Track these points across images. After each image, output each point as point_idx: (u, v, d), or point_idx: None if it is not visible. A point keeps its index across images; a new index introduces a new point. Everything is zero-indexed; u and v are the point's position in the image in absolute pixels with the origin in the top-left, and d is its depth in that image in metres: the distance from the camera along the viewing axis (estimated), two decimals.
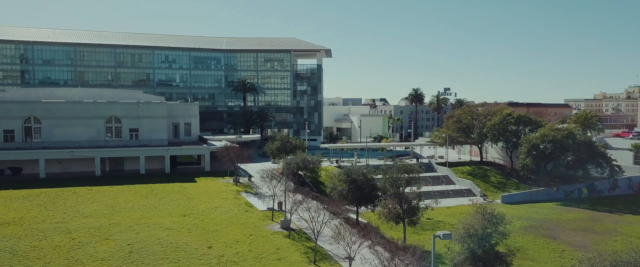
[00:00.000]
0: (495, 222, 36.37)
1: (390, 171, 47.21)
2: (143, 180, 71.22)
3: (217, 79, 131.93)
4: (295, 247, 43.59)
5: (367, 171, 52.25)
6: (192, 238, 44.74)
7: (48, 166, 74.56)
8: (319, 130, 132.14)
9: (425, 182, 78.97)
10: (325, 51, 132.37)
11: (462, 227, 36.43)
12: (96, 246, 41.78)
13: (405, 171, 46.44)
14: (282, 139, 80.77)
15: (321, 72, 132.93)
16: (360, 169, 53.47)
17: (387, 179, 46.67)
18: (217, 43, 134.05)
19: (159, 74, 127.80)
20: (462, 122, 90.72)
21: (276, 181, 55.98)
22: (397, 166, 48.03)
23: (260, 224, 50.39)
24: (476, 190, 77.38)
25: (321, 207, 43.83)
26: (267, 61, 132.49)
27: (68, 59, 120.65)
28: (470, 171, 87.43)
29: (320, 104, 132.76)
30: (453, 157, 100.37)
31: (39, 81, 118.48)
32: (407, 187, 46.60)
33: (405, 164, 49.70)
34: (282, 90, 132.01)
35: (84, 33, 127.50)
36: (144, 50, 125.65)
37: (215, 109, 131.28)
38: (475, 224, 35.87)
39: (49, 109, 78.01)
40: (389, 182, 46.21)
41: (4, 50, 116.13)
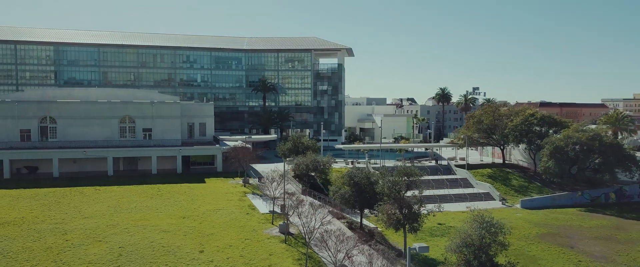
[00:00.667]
0: (494, 231, 33.86)
1: (390, 174, 44.94)
2: (153, 180, 71.04)
3: (238, 78, 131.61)
4: (289, 253, 42.01)
5: (372, 173, 50.04)
6: (186, 242, 43.76)
7: (63, 165, 75.33)
8: (340, 130, 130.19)
9: (441, 185, 76.67)
10: (346, 50, 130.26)
11: (458, 236, 34.06)
12: (87, 249, 41.25)
13: (406, 174, 44.17)
14: (294, 139, 79.32)
15: (342, 71, 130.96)
16: (363, 171, 51.39)
17: (386, 183, 44.50)
18: (238, 43, 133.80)
19: (180, 74, 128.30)
20: (483, 123, 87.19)
21: (276, 183, 54.43)
22: (397, 169, 45.81)
23: (259, 227, 49.06)
24: (495, 194, 74.04)
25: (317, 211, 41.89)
26: (288, 61, 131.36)
27: (92, 59, 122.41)
28: (491, 173, 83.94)
29: (341, 104, 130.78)
30: (475, 159, 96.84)
31: (64, 82, 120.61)
32: (407, 191, 44.26)
33: (405, 166, 47.41)
34: (303, 90, 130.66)
35: (108, 34, 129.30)
36: (166, 51, 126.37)
37: (236, 109, 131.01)
38: (473, 233, 33.52)
39: (64, 109, 78.82)
40: (387, 186, 44.04)
41: (32, 51, 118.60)
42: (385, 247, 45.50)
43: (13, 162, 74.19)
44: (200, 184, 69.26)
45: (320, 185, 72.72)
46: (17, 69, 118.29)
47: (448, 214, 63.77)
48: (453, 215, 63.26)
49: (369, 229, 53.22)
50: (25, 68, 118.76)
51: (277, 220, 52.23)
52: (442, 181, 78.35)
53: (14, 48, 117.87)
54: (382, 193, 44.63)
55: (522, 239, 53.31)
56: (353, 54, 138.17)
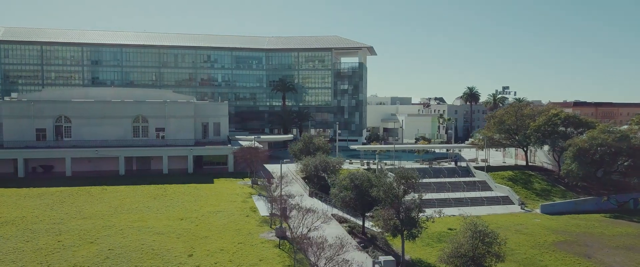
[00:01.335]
0: (488, 241, 31.33)
1: (387, 178, 42.66)
2: (162, 180, 70.72)
3: (258, 78, 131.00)
4: (280, 258, 40.38)
5: (372, 176, 47.82)
6: (178, 244, 42.72)
7: (78, 164, 75.95)
8: (360, 130, 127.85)
9: (458, 188, 73.70)
10: (367, 49, 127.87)
11: (450, 246, 31.69)
12: (77, 250, 40.66)
13: (403, 177, 41.84)
14: (305, 139, 77.67)
15: (363, 70, 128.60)
16: (365, 174, 49.23)
17: (381, 187, 42.24)
18: (258, 42, 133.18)
19: (201, 74, 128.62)
20: (505, 123, 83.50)
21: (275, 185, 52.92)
22: (395, 172, 43.53)
23: (255, 230, 47.64)
24: (514, 197, 70.54)
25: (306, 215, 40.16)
26: (308, 60, 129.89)
27: (115, 60, 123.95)
28: (512, 176, 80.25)
29: (362, 104, 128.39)
30: (497, 161, 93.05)
31: (88, 81, 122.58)
32: (405, 195, 41.92)
33: (402, 169, 45.02)
34: (323, 90, 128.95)
35: (130, 34, 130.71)
36: (187, 51, 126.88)
37: (256, 108, 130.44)
38: (465, 243, 31.06)
39: (78, 108, 79.46)
40: (382, 190, 41.79)
41: (57, 52, 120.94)
42: (381, 254, 43.31)
43: (28, 161, 75.24)
44: (207, 185, 68.47)
45: (330, 186, 70.75)
46: (43, 70, 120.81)
47: (460, 218, 60.29)
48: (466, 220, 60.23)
49: (372, 234, 51.06)
50: (50, 68, 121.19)
51: (276, 223, 50.68)
52: (458, 184, 75.35)
53: (40, 49, 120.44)
54: (378, 198, 42.34)
55: (535, 246, 50.16)
56: (375, 53, 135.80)
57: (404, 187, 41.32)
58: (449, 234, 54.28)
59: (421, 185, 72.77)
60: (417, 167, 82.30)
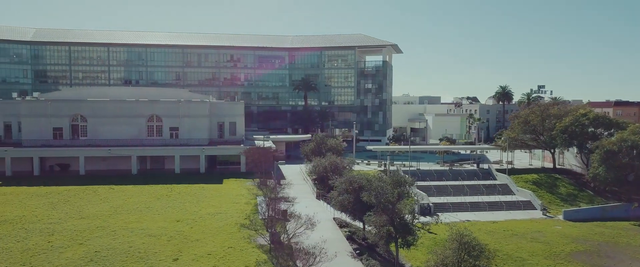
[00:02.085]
0: (474, 254, 28.60)
1: (379, 183, 40.09)
2: (171, 180, 70.24)
3: (281, 77, 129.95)
4: (267, 265, 38.52)
5: (366, 180, 45.33)
6: (167, 248, 41.54)
7: (93, 163, 76.48)
8: (384, 130, 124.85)
9: (476, 191, 70.27)
10: (392, 46, 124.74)
11: (434, 257, 29.13)
12: (64, 252, 40.02)
13: (396, 183, 39.19)
14: (317, 140, 75.68)
15: (387, 68, 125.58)
16: (364, 177, 46.78)
17: (372, 191, 39.71)
18: (281, 41, 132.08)
19: (224, 74, 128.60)
20: (529, 123, 79.20)
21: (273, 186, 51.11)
22: (389, 176, 40.96)
23: (250, 235, 45.92)
24: (536, 202, 66.47)
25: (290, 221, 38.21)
26: (331, 59, 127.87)
27: (140, 59, 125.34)
28: (536, 179, 75.93)
29: (385, 103, 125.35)
30: (523, 163, 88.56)
31: (114, 81, 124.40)
32: (399, 200, 39.30)
33: (397, 174, 42.34)
34: (346, 89, 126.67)
35: (154, 34, 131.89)
36: (210, 50, 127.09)
37: (279, 108, 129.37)
38: (450, 254, 28.45)
39: (94, 107, 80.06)
40: (374, 195, 39.30)
41: (84, 52, 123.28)
42: (377, 262, 40.87)
43: (44, 160, 76.25)
44: (215, 185, 67.47)
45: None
46: (71, 70, 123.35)
47: (475, 224, 57.70)
48: (480, 226, 56.99)
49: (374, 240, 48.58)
50: (77, 68, 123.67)
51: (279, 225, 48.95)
52: (477, 187, 71.74)
53: (68, 49, 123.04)
54: (370, 203, 39.81)
55: (550, 257, 46.61)
56: (400, 51, 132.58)
57: (398, 192, 38.59)
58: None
59: (436, 188, 70.61)
60: (435, 169, 79.24)
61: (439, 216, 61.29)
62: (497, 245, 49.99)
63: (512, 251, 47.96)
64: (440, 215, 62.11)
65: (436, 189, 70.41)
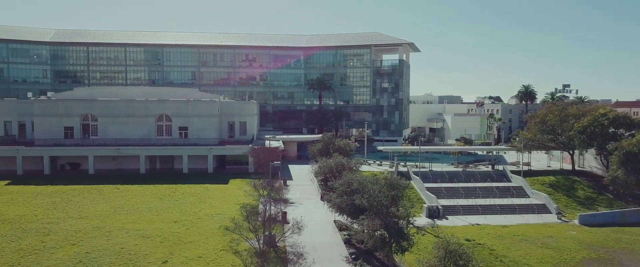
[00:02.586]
0: (462, 264, 26.85)
1: (372, 185, 38.44)
2: (178, 180, 69.87)
3: (296, 77, 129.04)
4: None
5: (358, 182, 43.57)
6: (158, 249, 40.83)
7: (103, 162, 76.74)
8: (400, 130, 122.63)
9: (489, 194, 67.91)
10: (408, 45, 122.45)
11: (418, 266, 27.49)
12: (55, 253, 39.68)
13: (390, 186, 37.47)
14: (325, 140, 74.28)
15: (403, 67, 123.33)
16: (361, 179, 45.16)
17: (364, 195, 38.07)
18: (297, 40, 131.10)
19: (239, 73, 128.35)
20: (547, 123, 76.25)
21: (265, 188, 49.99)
22: (383, 179, 39.26)
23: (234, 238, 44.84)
24: (552, 206, 63.71)
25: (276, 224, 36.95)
26: (347, 58, 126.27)
27: (156, 59, 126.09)
28: (553, 181, 72.98)
29: (402, 102, 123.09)
30: (541, 165, 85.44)
31: (131, 81, 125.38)
32: (393, 204, 37.57)
33: (391, 177, 40.55)
34: (361, 88, 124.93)
35: (170, 34, 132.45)
36: (226, 50, 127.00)
37: (294, 108, 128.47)
38: (436, 264, 26.77)
39: (104, 107, 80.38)
40: (365, 198, 37.67)
41: (101, 52, 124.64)
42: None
43: (55, 159, 76.84)
44: (221, 185, 66.77)
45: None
46: (89, 70, 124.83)
47: (485, 228, 55.63)
48: (490, 230, 54.83)
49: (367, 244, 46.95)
50: (95, 68, 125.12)
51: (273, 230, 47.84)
52: (490, 189, 69.30)
53: (86, 50, 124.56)
54: (362, 206, 38.17)
55: (559, 264, 44.32)
56: (418, 49, 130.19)
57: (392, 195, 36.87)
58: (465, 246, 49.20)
59: (447, 190, 68.45)
60: (447, 171, 77.01)
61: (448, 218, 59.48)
62: (504, 251, 47.95)
63: (520, 258, 45.82)
64: (449, 218, 60.30)
65: (447, 191, 68.30)
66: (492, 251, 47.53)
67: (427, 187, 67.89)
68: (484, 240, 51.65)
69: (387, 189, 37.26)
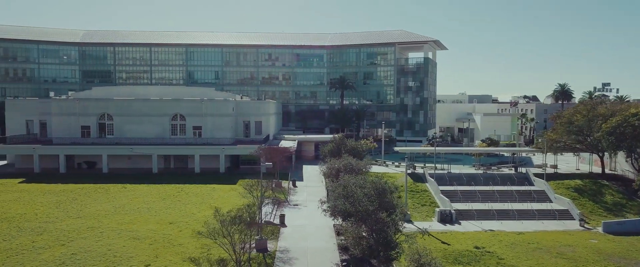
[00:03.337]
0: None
1: (358, 190, 36.06)
2: (188, 179, 69.42)
3: (319, 76, 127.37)
4: None
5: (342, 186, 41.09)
6: (145, 252, 39.89)
7: (118, 161, 77.20)
8: (425, 130, 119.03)
9: (507, 198, 64.31)
10: (433, 42, 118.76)
11: None
12: (42, 253, 39.28)
13: (376, 191, 35.00)
14: (337, 140, 72.10)
15: (429, 66, 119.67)
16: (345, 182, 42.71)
17: (348, 200, 35.76)
18: (320, 39, 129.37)
19: (262, 73, 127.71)
20: (573, 124, 71.79)
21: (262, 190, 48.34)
22: (369, 183, 36.83)
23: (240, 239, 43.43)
24: (575, 212, 59.61)
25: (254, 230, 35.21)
26: (370, 56, 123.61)
27: (180, 59, 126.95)
28: (580, 185, 68.56)
29: (427, 102, 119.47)
30: (569, 167, 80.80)
31: (155, 81, 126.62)
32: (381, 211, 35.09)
33: (378, 181, 37.96)
34: (385, 87, 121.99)
35: (194, 34, 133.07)
36: (249, 49, 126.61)
37: (317, 107, 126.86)
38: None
39: (119, 106, 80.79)
40: (349, 202, 35.41)
41: (128, 52, 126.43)
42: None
43: (71, 157, 77.76)
44: (229, 186, 65.75)
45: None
46: (115, 70, 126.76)
47: (498, 235, 52.36)
48: (503, 237, 51.54)
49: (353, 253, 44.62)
50: (121, 68, 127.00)
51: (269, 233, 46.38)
52: (509, 193, 65.61)
53: (113, 50, 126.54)
54: (346, 212, 35.83)
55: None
56: (444, 47, 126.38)
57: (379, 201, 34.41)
58: (470, 255, 46.40)
59: (463, 193, 65.21)
60: (465, 173, 73.67)
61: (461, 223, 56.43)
62: (514, 260, 44.74)
63: None
64: (462, 223, 57.27)
65: (463, 194, 65.09)
66: (501, 260, 44.41)
67: (442, 191, 64.91)
68: (494, 247, 48.49)
69: (375, 194, 34.85)
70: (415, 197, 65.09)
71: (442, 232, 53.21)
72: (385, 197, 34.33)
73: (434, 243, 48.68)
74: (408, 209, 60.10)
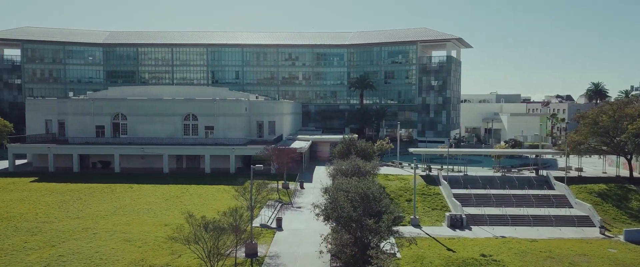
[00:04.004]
0: None
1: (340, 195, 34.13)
2: (197, 180, 68.94)
3: (339, 75, 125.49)
4: None
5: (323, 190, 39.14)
6: (132, 255, 39.17)
7: (131, 161, 77.52)
8: (448, 131, 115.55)
9: (524, 202, 61.17)
10: (457, 40, 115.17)
11: None
12: (30, 254, 39.03)
13: (361, 197, 32.87)
14: (346, 141, 70.20)
15: (452, 64, 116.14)
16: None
17: (328, 207, 33.78)
18: (340, 38, 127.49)
19: (282, 72, 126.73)
20: (598, 125, 67.83)
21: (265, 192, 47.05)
22: (353, 188, 34.80)
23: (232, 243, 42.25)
24: (596, 218, 55.99)
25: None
26: (391, 55, 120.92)
27: (201, 59, 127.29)
28: (604, 190, 64.63)
29: (450, 101, 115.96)
30: (595, 171, 76.62)
31: (177, 81, 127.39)
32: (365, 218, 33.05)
33: (363, 185, 35.79)
34: (407, 86, 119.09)
35: (215, 34, 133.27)
36: (269, 49, 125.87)
37: (337, 107, 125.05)
38: None
39: (132, 106, 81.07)
40: (332, 207, 33.54)
41: (151, 53, 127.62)
42: None
43: (86, 157, 78.54)
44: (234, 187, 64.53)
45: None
46: (138, 70, 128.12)
47: (509, 242, 49.57)
48: (514, 244, 48.68)
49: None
50: (144, 68, 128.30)
51: (263, 237, 45.12)
52: (526, 197, 62.35)
53: (136, 51, 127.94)
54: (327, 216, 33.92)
55: None
56: (469, 45, 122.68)
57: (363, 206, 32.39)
58: (476, 263, 43.86)
59: (477, 197, 62.34)
60: (481, 176, 70.68)
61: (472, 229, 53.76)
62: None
63: None
64: (473, 228, 54.58)
65: (476, 198, 62.22)
66: None
67: (455, 194, 62.26)
68: (503, 256, 45.77)
69: (359, 199, 32.87)
70: (426, 200, 62.66)
71: (450, 238, 50.80)
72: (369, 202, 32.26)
73: (439, 249, 46.43)
74: (417, 213, 57.88)
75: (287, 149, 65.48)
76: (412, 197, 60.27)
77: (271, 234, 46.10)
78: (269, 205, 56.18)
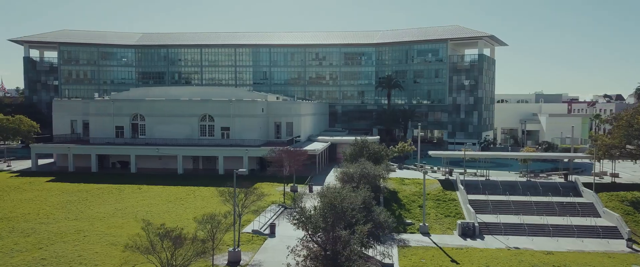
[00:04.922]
0: None
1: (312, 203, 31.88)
2: (208, 181, 67.82)
3: (367, 75, 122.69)
4: None
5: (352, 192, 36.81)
6: (113, 260, 38.41)
7: (149, 161, 77.86)
8: (479, 132, 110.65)
9: (545, 210, 57.07)
10: (489, 38, 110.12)
11: None
12: (16, 256, 38.90)
13: (329, 206, 30.42)
14: (358, 144, 67.62)
15: (484, 63, 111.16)
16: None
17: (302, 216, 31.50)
18: (369, 37, 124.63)
19: (309, 72, 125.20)
20: (633, 127, 62.43)
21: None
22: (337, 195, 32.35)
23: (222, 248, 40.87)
24: (624, 229, 51.20)
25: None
26: (421, 53, 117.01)
27: (229, 60, 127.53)
28: (638, 198, 59.33)
29: (481, 101, 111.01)
30: (633, 177, 70.84)
31: (206, 81, 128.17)
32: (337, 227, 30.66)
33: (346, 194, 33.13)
34: (436, 86, 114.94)
35: (243, 35, 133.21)
36: (296, 49, 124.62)
37: (364, 107, 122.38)
38: None
39: (150, 107, 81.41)
40: (297, 213, 31.32)
41: (180, 54, 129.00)
42: None
43: (106, 157, 79.58)
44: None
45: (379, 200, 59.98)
46: (168, 71, 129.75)
47: (522, 253, 46.00)
48: (527, 256, 45.05)
49: None
50: (174, 69, 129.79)
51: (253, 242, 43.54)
52: (549, 205, 58.02)
53: (166, 52, 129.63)
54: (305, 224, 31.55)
55: None
56: (503, 43, 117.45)
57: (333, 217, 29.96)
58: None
59: (495, 204, 58.50)
60: (502, 181, 66.54)
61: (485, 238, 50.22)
62: None
63: None
64: (486, 238, 51.10)
65: (494, 204, 58.41)
66: None
67: (471, 200, 58.71)
68: (508, 266, 42.34)
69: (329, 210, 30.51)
70: (440, 206, 59.40)
71: (458, 248, 47.66)
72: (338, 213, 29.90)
73: (442, 261, 43.53)
74: (429, 219, 54.88)
75: (296, 151, 63.52)
76: (420, 203, 57.27)
77: (262, 241, 44.46)
78: (270, 210, 54.54)
